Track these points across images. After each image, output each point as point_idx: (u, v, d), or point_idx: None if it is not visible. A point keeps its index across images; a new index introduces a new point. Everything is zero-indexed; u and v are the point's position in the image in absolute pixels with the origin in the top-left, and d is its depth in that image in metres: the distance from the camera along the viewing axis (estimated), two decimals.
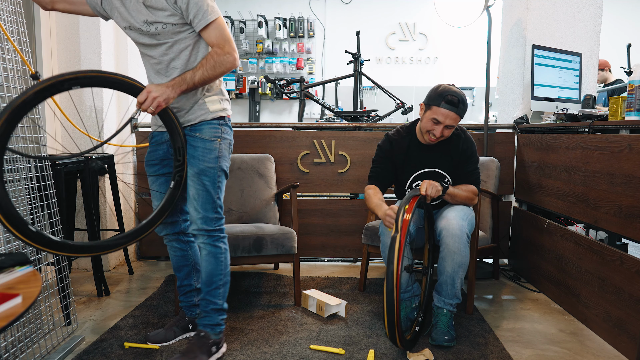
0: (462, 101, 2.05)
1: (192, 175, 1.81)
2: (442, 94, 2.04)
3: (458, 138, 2.20)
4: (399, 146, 2.23)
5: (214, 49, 1.70)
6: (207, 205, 1.83)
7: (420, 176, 2.23)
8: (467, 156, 2.20)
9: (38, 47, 2.81)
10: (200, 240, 1.85)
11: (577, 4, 3.12)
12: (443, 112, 2.04)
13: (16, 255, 1.33)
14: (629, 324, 1.91)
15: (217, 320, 1.88)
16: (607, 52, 4.64)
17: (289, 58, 6.34)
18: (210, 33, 1.69)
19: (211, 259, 1.85)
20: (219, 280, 1.87)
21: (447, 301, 2.06)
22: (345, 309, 2.34)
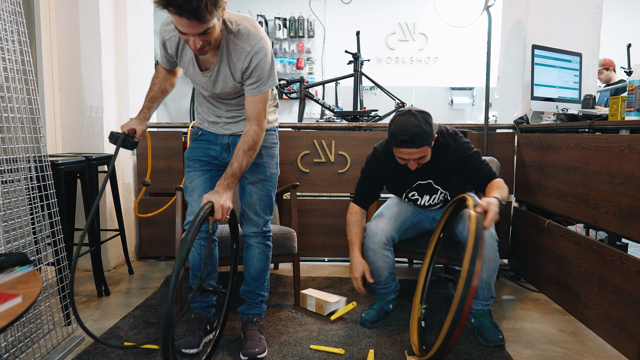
0: (417, 135, 1.87)
1: (257, 181, 1.91)
2: (394, 135, 1.92)
3: (448, 148, 2.05)
4: (386, 167, 2.15)
5: (254, 129, 1.73)
6: (267, 209, 1.97)
7: (415, 188, 2.20)
8: (468, 162, 2.06)
9: (38, 47, 2.81)
10: (255, 240, 1.98)
11: (577, 4, 3.12)
12: (403, 152, 1.95)
13: (16, 255, 1.33)
14: (629, 324, 1.91)
15: (264, 308, 2.09)
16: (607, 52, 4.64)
17: (289, 58, 6.34)
18: (255, 101, 1.73)
19: (263, 257, 2.00)
20: (266, 275, 2.04)
21: (485, 303, 2.12)
22: (345, 304, 2.35)
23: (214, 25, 1.49)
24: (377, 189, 2.25)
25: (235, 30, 1.65)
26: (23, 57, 1.93)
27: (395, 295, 2.31)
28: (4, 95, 1.81)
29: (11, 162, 1.80)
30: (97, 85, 2.96)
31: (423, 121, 1.91)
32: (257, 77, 1.69)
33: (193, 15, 1.41)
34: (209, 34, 1.50)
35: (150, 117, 1.87)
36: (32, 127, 1.95)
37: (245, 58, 1.66)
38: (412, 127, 1.88)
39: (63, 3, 2.88)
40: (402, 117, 1.93)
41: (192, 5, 1.38)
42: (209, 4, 1.41)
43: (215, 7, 1.44)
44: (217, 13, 1.47)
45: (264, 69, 1.68)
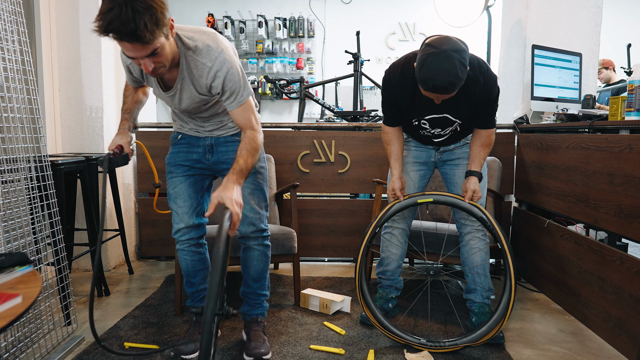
0: (451, 84, 1.64)
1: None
2: (424, 81, 1.67)
3: (475, 84, 1.81)
4: (404, 92, 1.92)
5: (249, 134, 1.69)
6: (261, 203, 1.91)
7: (428, 120, 2.00)
8: (487, 103, 1.91)
9: (38, 47, 2.81)
10: (255, 243, 1.93)
11: (577, 4, 3.12)
12: (432, 95, 1.74)
13: (16, 255, 1.33)
14: (629, 324, 1.90)
15: (266, 306, 2.05)
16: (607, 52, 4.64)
17: (289, 58, 6.34)
18: (240, 113, 1.69)
19: (262, 258, 1.96)
20: (266, 274, 2.00)
21: (485, 295, 2.14)
22: (349, 304, 2.36)
23: (162, 44, 1.43)
24: (397, 111, 2.05)
25: (193, 46, 1.58)
26: (23, 57, 1.92)
27: (396, 295, 2.30)
28: (4, 95, 1.81)
29: (11, 162, 1.80)
30: (97, 85, 2.96)
31: (460, 65, 1.64)
32: (231, 90, 1.63)
33: (133, 38, 1.34)
34: (158, 54, 1.44)
35: (132, 126, 1.83)
36: (32, 127, 1.95)
37: (208, 74, 1.60)
38: (447, 77, 1.63)
39: (63, 3, 2.88)
40: (436, 61, 1.63)
41: (130, 28, 1.31)
42: (149, 23, 1.34)
43: (157, 25, 1.36)
44: (162, 31, 1.40)
45: (234, 81, 1.62)
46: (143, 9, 1.32)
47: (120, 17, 1.30)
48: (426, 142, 2.17)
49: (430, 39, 1.71)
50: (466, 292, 2.18)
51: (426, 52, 1.67)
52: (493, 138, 2.06)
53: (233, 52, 1.67)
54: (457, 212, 2.13)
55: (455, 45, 1.65)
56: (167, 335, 2.08)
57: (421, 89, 1.77)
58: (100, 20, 1.32)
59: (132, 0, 1.31)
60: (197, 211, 1.90)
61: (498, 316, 1.91)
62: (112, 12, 1.30)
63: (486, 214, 1.98)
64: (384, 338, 2.07)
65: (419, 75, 1.69)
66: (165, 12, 1.40)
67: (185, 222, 1.87)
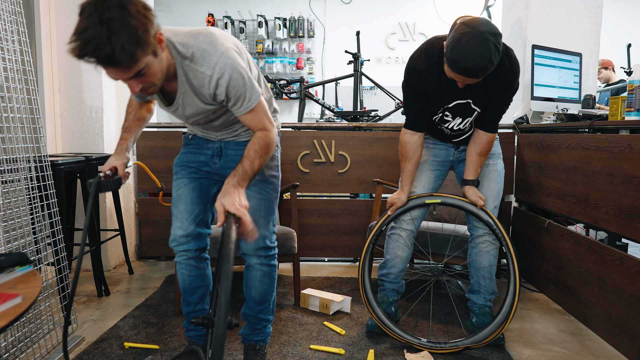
0: (484, 68, 1.59)
1: (253, 184, 1.65)
2: (456, 62, 1.59)
3: (501, 67, 1.73)
4: (430, 77, 1.83)
5: (261, 132, 1.51)
6: (269, 217, 1.71)
7: (452, 109, 1.92)
8: (504, 89, 1.83)
9: (38, 47, 2.81)
10: (257, 262, 1.72)
11: (577, 4, 3.12)
12: (459, 77, 1.66)
13: (16, 255, 1.33)
14: (629, 324, 1.90)
15: (269, 331, 1.84)
16: (607, 52, 4.64)
17: (289, 58, 6.34)
18: (251, 118, 1.51)
19: (266, 279, 1.74)
20: (271, 297, 1.78)
21: (488, 297, 2.12)
22: (349, 304, 2.36)
23: (148, 63, 1.26)
24: (427, 106, 1.93)
25: (189, 54, 1.40)
26: (23, 57, 1.93)
27: (398, 298, 2.23)
28: (4, 95, 1.81)
29: (11, 162, 1.80)
30: (97, 85, 2.96)
31: (494, 50, 1.57)
32: (237, 96, 1.45)
33: (110, 63, 1.19)
34: (144, 74, 1.28)
35: (130, 147, 1.65)
36: (32, 127, 1.95)
37: (210, 83, 1.42)
38: (481, 60, 1.56)
39: (63, 3, 2.88)
40: (472, 42, 1.56)
41: (105, 53, 1.15)
42: (128, 45, 1.16)
43: (139, 46, 1.19)
44: (146, 51, 1.23)
45: (239, 85, 1.43)
46: (120, 29, 1.15)
47: (95, 40, 1.14)
48: (446, 139, 2.09)
49: (465, 19, 1.63)
50: (469, 292, 2.17)
51: (461, 32, 1.58)
52: (492, 146, 2.00)
53: (236, 50, 1.48)
54: (469, 215, 2.11)
55: (492, 28, 1.58)
56: (167, 335, 2.08)
57: (447, 70, 1.69)
58: (74, 41, 1.17)
59: (108, 19, 1.14)
60: (199, 219, 1.73)
61: (500, 319, 1.91)
62: (87, 33, 1.14)
63: (493, 218, 1.97)
64: (384, 338, 2.07)
65: (451, 55, 1.60)
66: (149, 28, 1.22)
67: (184, 229, 1.70)
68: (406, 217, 2.11)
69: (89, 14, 1.15)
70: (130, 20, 1.16)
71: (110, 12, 1.14)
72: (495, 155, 2.09)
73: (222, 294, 1.09)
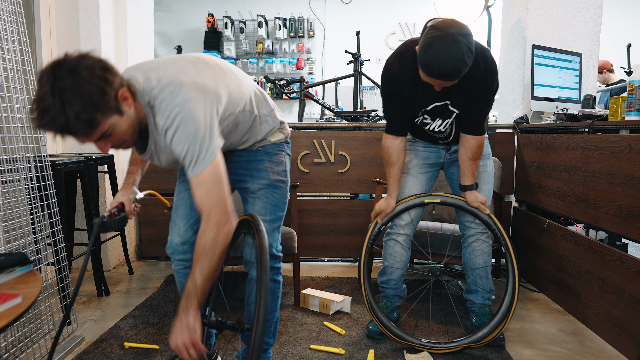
0: (458, 71, 1.56)
1: (258, 188, 1.58)
2: (429, 66, 1.56)
3: (476, 70, 1.71)
4: (406, 81, 1.82)
5: (210, 227, 1.28)
6: (274, 223, 1.61)
7: (430, 111, 1.92)
8: (483, 91, 1.81)
9: (38, 47, 2.81)
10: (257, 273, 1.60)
11: (577, 4, 3.12)
12: (435, 81, 1.64)
13: (16, 255, 1.33)
14: (629, 324, 1.91)
15: (269, 356, 1.72)
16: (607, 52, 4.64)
17: (289, 58, 6.34)
18: (196, 186, 1.28)
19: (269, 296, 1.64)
20: (273, 318, 1.67)
21: (486, 296, 2.12)
22: (350, 304, 2.36)
23: (113, 124, 1.19)
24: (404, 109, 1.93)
25: (152, 103, 1.29)
26: (23, 57, 1.93)
27: (400, 304, 2.19)
28: (4, 95, 1.81)
29: (11, 162, 1.80)
30: None
31: (467, 51, 1.54)
32: (184, 152, 1.26)
33: (68, 133, 1.13)
34: (111, 135, 1.21)
35: (138, 181, 1.61)
36: (32, 127, 1.95)
37: (166, 136, 1.28)
38: (454, 63, 1.53)
39: (63, 3, 2.88)
40: (443, 45, 1.53)
41: (60, 124, 1.10)
42: (84, 112, 1.10)
43: (97, 110, 1.12)
44: (107, 113, 1.16)
45: (186, 142, 1.25)
46: (74, 98, 1.09)
47: (49, 111, 1.09)
48: (434, 141, 2.09)
49: (435, 22, 1.61)
50: (466, 293, 2.18)
51: (431, 35, 1.55)
52: (483, 148, 1.95)
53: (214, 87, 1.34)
54: (462, 215, 2.10)
55: (462, 29, 1.56)
56: (167, 335, 2.08)
57: (422, 74, 1.66)
58: (33, 111, 1.12)
59: (60, 89, 1.09)
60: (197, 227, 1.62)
61: (500, 318, 1.91)
62: (43, 103, 1.09)
63: (492, 217, 1.97)
64: (384, 338, 2.07)
65: (423, 60, 1.58)
66: (108, 90, 1.15)
67: (181, 236, 1.63)
68: (403, 220, 2.08)
69: (44, 83, 1.11)
70: (84, 86, 1.11)
71: (62, 80, 1.10)
72: (485, 155, 2.06)
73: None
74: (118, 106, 1.20)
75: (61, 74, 1.10)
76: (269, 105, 1.60)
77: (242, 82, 1.49)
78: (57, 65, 1.12)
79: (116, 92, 1.19)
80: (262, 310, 1.13)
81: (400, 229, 2.09)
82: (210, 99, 1.31)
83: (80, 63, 1.12)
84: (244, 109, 1.47)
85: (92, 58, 1.16)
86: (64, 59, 1.13)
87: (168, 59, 1.42)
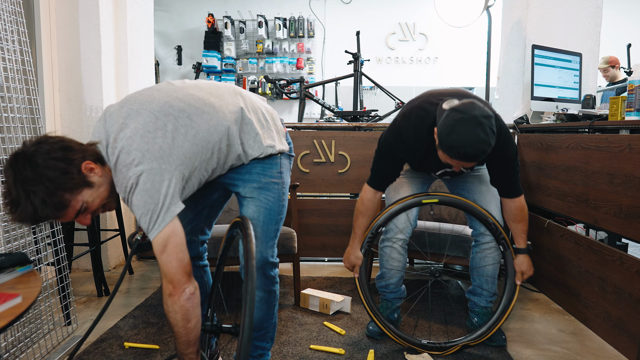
0: (482, 153, 1.53)
1: (249, 192, 1.52)
2: (453, 148, 1.54)
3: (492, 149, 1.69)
4: (413, 152, 1.84)
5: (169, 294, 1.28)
6: (268, 227, 1.53)
7: (438, 173, 1.95)
8: (505, 161, 1.81)
9: (38, 47, 2.81)
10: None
11: (577, 4, 3.12)
12: (456, 162, 1.61)
13: (16, 255, 1.33)
14: (629, 324, 1.91)
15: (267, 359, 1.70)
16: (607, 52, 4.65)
17: (289, 58, 6.34)
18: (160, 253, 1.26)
19: (262, 306, 1.57)
20: (269, 325, 1.62)
21: (489, 299, 2.11)
22: (349, 304, 2.36)
23: (85, 199, 1.21)
24: (399, 169, 1.91)
25: (115, 173, 1.27)
26: (23, 57, 1.93)
27: (400, 304, 2.19)
28: (4, 95, 1.81)
29: None
30: (97, 85, 2.96)
31: (490, 133, 1.54)
32: (139, 219, 1.24)
33: (39, 220, 1.16)
34: (87, 209, 1.23)
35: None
36: (32, 127, 1.95)
37: (126, 201, 1.26)
38: (480, 145, 1.52)
39: (63, 3, 2.89)
40: (468, 129, 1.52)
41: (29, 214, 1.12)
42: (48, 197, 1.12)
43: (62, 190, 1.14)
44: (74, 191, 1.17)
45: (139, 210, 1.23)
46: (36, 185, 1.11)
47: (17, 203, 1.12)
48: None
49: (456, 104, 1.59)
50: (469, 293, 2.17)
51: (454, 118, 1.55)
52: (526, 208, 1.93)
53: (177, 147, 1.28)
54: (473, 218, 2.08)
55: (484, 112, 1.56)
56: (167, 335, 2.08)
57: (443, 155, 1.63)
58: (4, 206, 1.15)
59: (22, 180, 1.11)
60: (192, 226, 1.64)
61: (498, 315, 1.92)
62: (10, 197, 1.12)
63: (491, 218, 1.95)
64: (384, 338, 2.07)
65: (447, 142, 1.55)
66: (69, 167, 1.16)
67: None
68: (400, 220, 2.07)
69: (7, 178, 1.13)
70: (43, 171, 1.12)
71: (22, 172, 1.11)
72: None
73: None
74: (85, 179, 1.20)
75: (19, 166, 1.12)
76: (254, 130, 1.47)
77: (219, 113, 1.39)
78: (15, 158, 1.14)
79: (78, 167, 1.19)
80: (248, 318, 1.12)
81: (397, 234, 2.08)
82: (169, 162, 1.26)
83: (37, 150, 1.14)
84: (219, 148, 1.40)
85: (49, 141, 1.17)
86: (22, 149, 1.14)
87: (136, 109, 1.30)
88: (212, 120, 1.37)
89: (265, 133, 1.51)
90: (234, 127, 1.42)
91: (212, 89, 1.44)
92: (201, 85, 1.44)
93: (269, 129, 1.53)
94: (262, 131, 1.50)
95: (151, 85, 1.62)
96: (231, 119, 1.41)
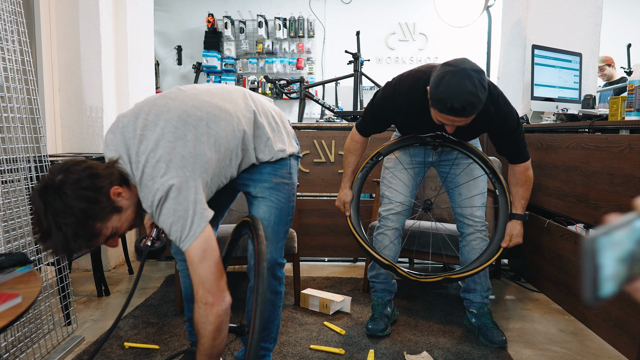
0: (471, 105, 1.53)
1: (261, 192, 1.51)
2: (442, 100, 1.54)
3: (486, 114, 1.70)
4: (405, 114, 1.83)
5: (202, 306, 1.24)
6: (279, 228, 1.52)
7: (432, 135, 1.94)
8: (505, 132, 1.81)
9: (38, 47, 2.81)
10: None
11: (577, 4, 3.12)
12: (447, 118, 1.60)
13: (16, 255, 1.33)
14: (629, 324, 1.91)
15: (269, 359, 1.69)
16: (607, 52, 4.65)
17: (289, 58, 6.34)
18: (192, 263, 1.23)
19: (269, 307, 1.58)
20: (273, 325, 1.62)
21: (485, 294, 2.12)
22: (349, 304, 2.36)
23: (115, 227, 1.22)
24: (383, 126, 1.98)
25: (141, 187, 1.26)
26: (23, 57, 1.93)
27: (391, 298, 2.22)
28: (4, 95, 1.81)
29: (11, 162, 1.80)
30: (97, 85, 2.96)
31: (480, 86, 1.53)
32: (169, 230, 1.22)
33: (72, 252, 1.16)
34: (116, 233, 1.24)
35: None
36: (32, 127, 1.95)
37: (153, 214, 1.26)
38: (467, 96, 1.51)
39: (63, 3, 2.89)
40: (455, 79, 1.52)
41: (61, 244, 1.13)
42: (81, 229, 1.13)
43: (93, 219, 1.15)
44: (104, 219, 1.17)
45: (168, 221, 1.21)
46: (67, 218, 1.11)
47: (49, 235, 1.12)
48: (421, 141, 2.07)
49: (447, 60, 1.61)
50: (464, 292, 2.17)
51: (443, 71, 1.56)
52: (531, 173, 1.95)
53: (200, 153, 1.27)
54: (458, 212, 2.11)
55: (474, 66, 1.57)
56: (167, 335, 2.08)
57: (435, 113, 1.63)
58: (35, 233, 1.15)
59: (53, 213, 1.10)
60: None
61: (488, 254, 1.94)
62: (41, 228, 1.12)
63: (477, 151, 1.97)
64: (384, 338, 2.07)
65: (435, 94, 1.56)
66: (99, 197, 1.15)
67: None
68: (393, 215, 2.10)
69: (37, 209, 1.12)
70: (74, 202, 1.11)
71: (52, 203, 1.10)
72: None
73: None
74: (114, 205, 1.20)
75: (49, 198, 1.11)
76: (265, 134, 1.47)
77: (235, 119, 1.38)
78: (45, 189, 1.12)
79: (107, 194, 1.18)
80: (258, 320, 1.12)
81: (388, 222, 2.12)
82: (193, 170, 1.24)
83: (65, 180, 1.12)
84: (237, 153, 1.41)
85: (77, 169, 1.15)
86: (49, 180, 1.12)
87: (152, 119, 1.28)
88: (229, 126, 1.37)
89: (276, 137, 1.51)
90: (249, 131, 1.43)
91: (224, 94, 1.43)
92: (213, 91, 1.43)
93: (279, 132, 1.53)
94: (273, 135, 1.50)
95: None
96: (246, 124, 1.41)
